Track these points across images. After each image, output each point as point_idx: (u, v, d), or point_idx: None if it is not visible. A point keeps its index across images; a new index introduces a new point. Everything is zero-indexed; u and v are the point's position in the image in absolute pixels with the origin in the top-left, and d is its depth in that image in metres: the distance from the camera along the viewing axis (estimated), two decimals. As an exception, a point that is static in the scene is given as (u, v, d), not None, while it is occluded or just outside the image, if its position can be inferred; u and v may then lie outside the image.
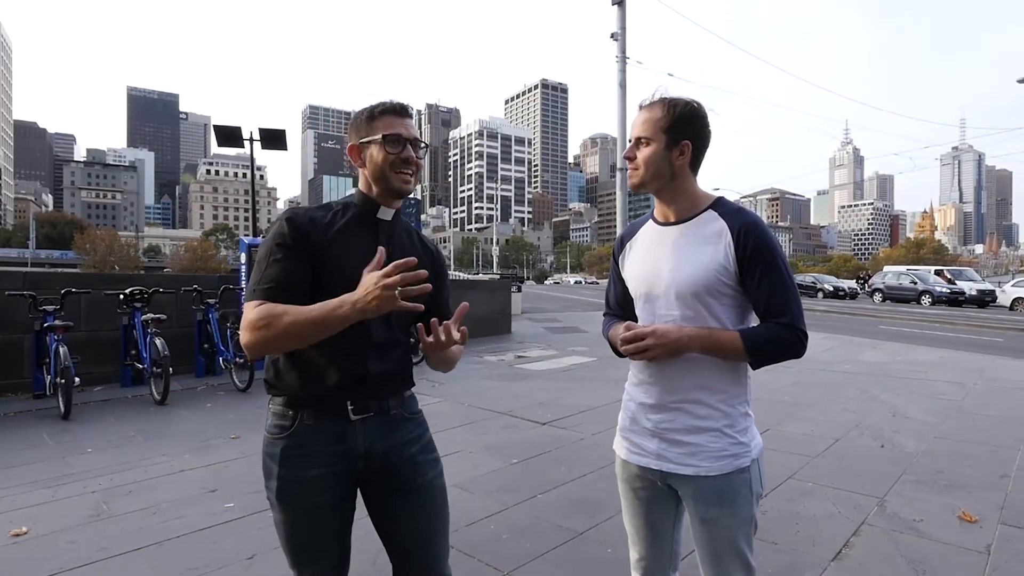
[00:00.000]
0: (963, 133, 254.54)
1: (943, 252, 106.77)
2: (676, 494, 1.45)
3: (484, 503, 3.20)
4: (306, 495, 1.32)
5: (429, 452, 1.46)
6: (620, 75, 11.67)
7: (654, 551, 1.51)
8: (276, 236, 1.31)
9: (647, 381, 1.44)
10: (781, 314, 1.33)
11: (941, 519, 3.01)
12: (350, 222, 1.38)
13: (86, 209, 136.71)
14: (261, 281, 1.27)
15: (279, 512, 1.34)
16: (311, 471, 1.32)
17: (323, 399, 1.33)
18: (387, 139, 1.35)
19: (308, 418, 1.33)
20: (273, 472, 1.33)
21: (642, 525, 1.51)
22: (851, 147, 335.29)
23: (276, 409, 1.36)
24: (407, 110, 1.40)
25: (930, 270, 27.94)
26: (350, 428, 1.34)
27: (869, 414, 5.25)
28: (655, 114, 1.38)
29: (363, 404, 1.35)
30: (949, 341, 11.64)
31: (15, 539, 2.70)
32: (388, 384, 1.40)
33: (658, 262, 1.43)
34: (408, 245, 1.47)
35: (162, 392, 5.44)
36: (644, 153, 1.38)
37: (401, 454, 1.40)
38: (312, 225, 1.32)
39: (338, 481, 1.35)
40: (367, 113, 1.39)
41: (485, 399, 5.82)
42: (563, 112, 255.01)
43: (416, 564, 1.42)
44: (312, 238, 1.31)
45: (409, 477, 1.40)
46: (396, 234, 1.44)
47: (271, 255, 1.29)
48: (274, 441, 1.34)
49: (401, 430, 1.41)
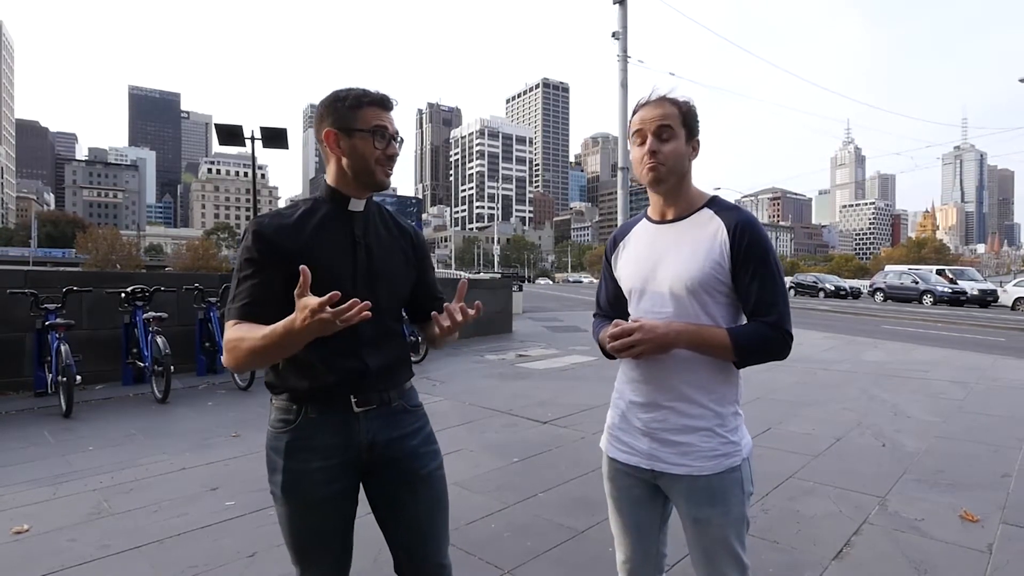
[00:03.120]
0: (965, 132, 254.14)
1: (945, 252, 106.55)
2: (663, 495, 1.44)
3: (484, 502, 3.20)
4: (312, 487, 1.32)
5: (430, 444, 1.47)
6: (621, 74, 11.66)
7: (639, 552, 1.50)
8: (243, 251, 1.30)
9: (638, 379, 1.43)
10: (768, 312, 1.33)
11: (942, 518, 3.00)
12: (322, 220, 1.36)
13: (88, 208, 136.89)
14: (235, 299, 1.28)
15: (284, 506, 1.34)
16: (316, 463, 1.32)
17: (326, 393, 1.33)
18: (377, 133, 1.32)
19: (312, 412, 1.33)
20: (278, 466, 1.34)
21: (628, 525, 1.50)
22: (852, 146, 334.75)
23: (280, 404, 1.36)
24: (391, 103, 1.38)
25: (932, 270, 27.92)
26: (353, 420, 1.35)
27: (870, 413, 5.25)
28: (670, 110, 1.36)
29: (365, 397, 1.36)
30: (951, 341, 11.61)
31: (16, 537, 2.70)
32: (389, 376, 1.40)
33: (654, 258, 1.42)
34: (384, 234, 1.45)
35: (163, 390, 5.44)
36: (670, 147, 1.36)
37: (403, 446, 1.40)
38: (279, 233, 1.30)
39: (342, 473, 1.35)
40: (350, 100, 1.32)
41: (485, 398, 5.82)
42: (564, 111, 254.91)
43: (417, 555, 1.43)
44: (283, 246, 1.29)
45: (411, 468, 1.41)
46: (371, 224, 1.43)
47: (241, 271, 1.29)
48: (278, 435, 1.35)
49: (403, 422, 1.42)
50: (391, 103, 1.37)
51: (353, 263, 1.36)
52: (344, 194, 1.38)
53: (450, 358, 8.27)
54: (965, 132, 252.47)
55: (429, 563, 1.44)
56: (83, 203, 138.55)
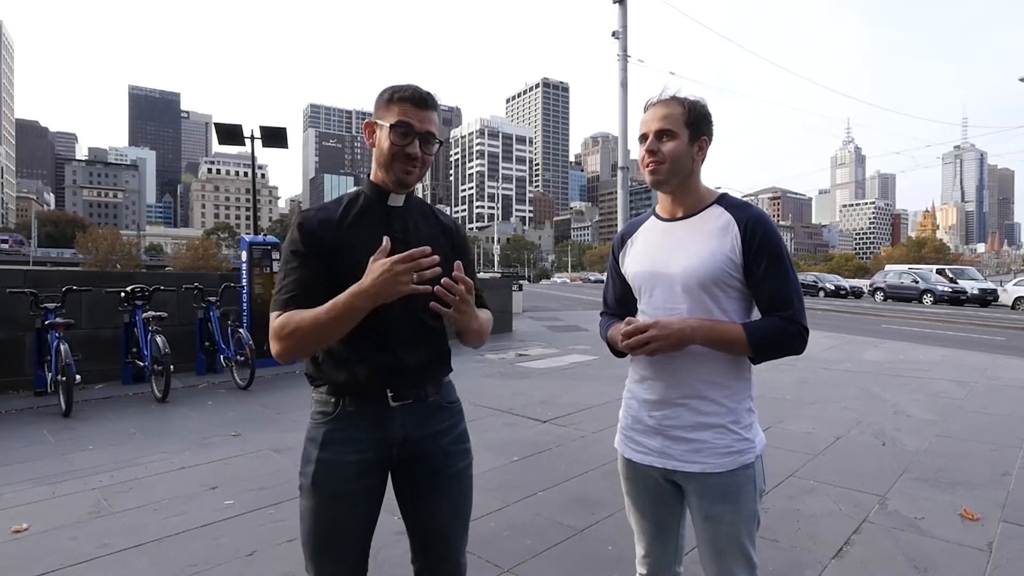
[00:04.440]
0: (965, 132, 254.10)
1: (945, 251, 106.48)
2: (681, 490, 1.44)
3: (485, 500, 3.19)
4: (343, 480, 1.33)
5: (462, 442, 1.47)
6: (621, 74, 11.65)
7: (659, 547, 1.50)
8: (289, 244, 1.33)
9: (650, 377, 1.42)
10: (784, 307, 1.32)
11: (942, 517, 3.00)
12: (361, 214, 1.37)
13: (88, 208, 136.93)
14: (281, 291, 1.29)
15: (310, 499, 1.34)
16: (350, 456, 1.33)
17: (364, 387, 1.34)
18: (395, 128, 1.31)
19: (350, 404, 1.34)
20: (312, 456, 1.35)
21: (647, 522, 1.50)
22: (852, 146, 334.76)
23: (319, 396, 1.38)
24: (427, 102, 1.33)
25: (932, 269, 27.92)
26: (389, 415, 1.35)
27: (870, 412, 5.24)
28: (674, 110, 1.37)
29: (402, 392, 1.36)
30: (951, 340, 11.61)
31: (16, 535, 2.70)
32: (425, 372, 1.40)
33: (664, 255, 1.41)
34: (424, 229, 1.43)
35: (163, 390, 5.44)
36: (669, 147, 1.36)
37: (434, 443, 1.41)
38: (323, 227, 1.33)
39: (374, 468, 1.36)
40: (388, 93, 1.34)
41: (486, 397, 5.82)
42: (564, 111, 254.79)
43: (435, 552, 1.43)
44: (325, 240, 1.31)
45: (440, 467, 1.41)
46: (411, 219, 1.41)
47: (287, 263, 1.32)
48: (317, 427, 1.37)
49: (437, 418, 1.43)
50: (426, 101, 1.33)
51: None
52: (384, 189, 1.38)
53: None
54: (965, 131, 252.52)
55: (447, 561, 1.44)
56: (83, 203, 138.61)
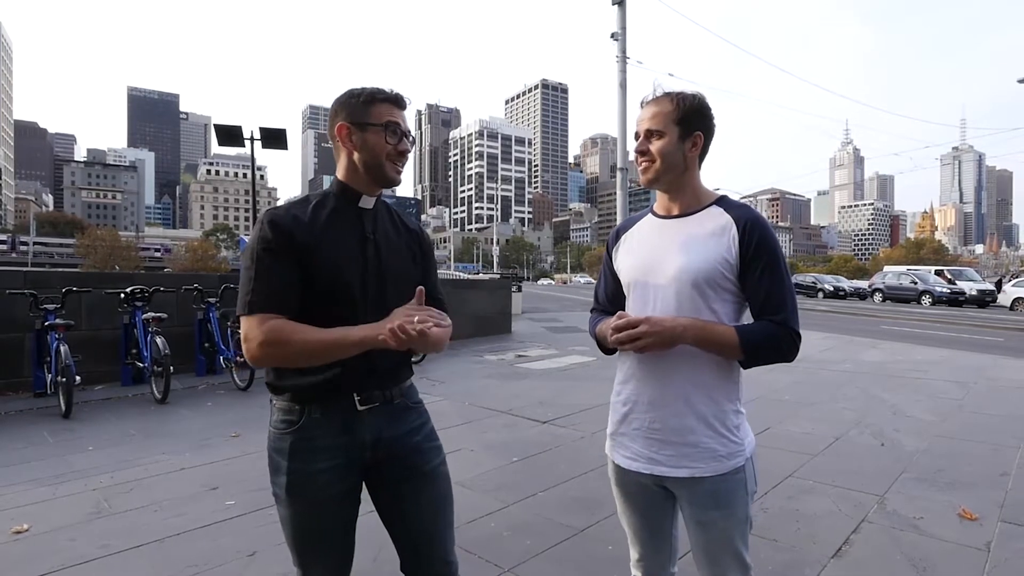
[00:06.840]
0: (963, 133, 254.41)
1: (943, 252, 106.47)
2: (672, 495, 1.43)
3: (484, 501, 3.20)
4: (317, 488, 1.32)
5: (432, 440, 1.47)
6: (620, 75, 11.66)
7: (653, 550, 1.50)
8: (260, 240, 1.26)
9: (638, 376, 1.40)
10: (776, 311, 1.31)
11: (941, 517, 3.01)
12: (333, 216, 1.35)
13: (86, 209, 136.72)
14: (255, 291, 1.23)
15: (288, 507, 1.33)
16: (321, 463, 1.32)
17: (330, 392, 1.32)
18: (389, 128, 1.33)
19: (315, 411, 1.32)
20: (282, 467, 1.32)
21: (640, 526, 1.49)
22: (851, 147, 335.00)
23: (282, 405, 1.35)
24: (404, 102, 1.39)
25: (930, 270, 27.93)
26: (357, 419, 1.35)
27: (869, 413, 5.25)
28: (664, 107, 1.36)
29: (369, 394, 1.35)
30: (949, 341, 11.62)
31: (16, 536, 2.70)
32: (394, 374, 1.41)
33: (658, 252, 1.40)
34: (392, 231, 1.45)
35: (163, 391, 5.44)
36: (658, 145, 1.36)
37: (406, 442, 1.40)
38: (295, 224, 1.29)
39: (347, 473, 1.35)
40: (365, 96, 1.34)
41: (485, 398, 5.82)
42: (563, 112, 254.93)
43: (423, 552, 1.43)
44: (297, 238, 1.27)
45: (414, 464, 1.41)
46: (380, 222, 1.43)
47: (258, 261, 1.25)
48: (282, 436, 1.34)
49: (405, 419, 1.42)
50: (404, 102, 1.39)
51: (363, 260, 1.36)
52: (355, 190, 1.39)
53: (450, 358, 8.27)
54: (964, 132, 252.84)
55: (436, 560, 1.43)
56: (82, 204, 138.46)
